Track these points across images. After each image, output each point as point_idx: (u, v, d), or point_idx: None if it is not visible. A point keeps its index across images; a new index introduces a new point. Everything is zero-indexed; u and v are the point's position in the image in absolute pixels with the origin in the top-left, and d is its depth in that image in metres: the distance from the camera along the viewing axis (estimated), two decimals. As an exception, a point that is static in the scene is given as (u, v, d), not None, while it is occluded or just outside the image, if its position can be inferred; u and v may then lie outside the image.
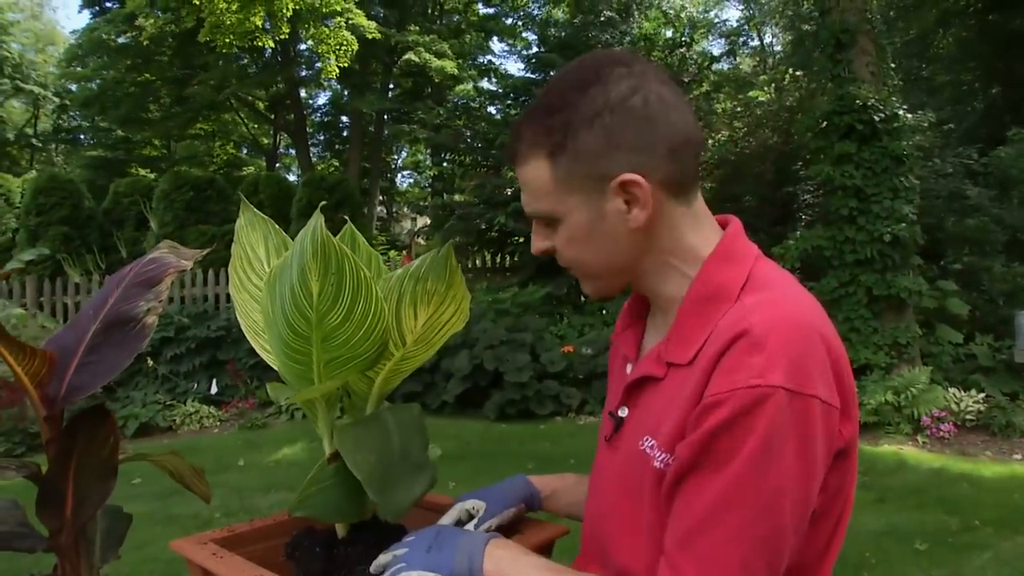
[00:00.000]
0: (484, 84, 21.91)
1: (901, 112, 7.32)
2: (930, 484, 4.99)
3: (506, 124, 11.76)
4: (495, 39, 24.14)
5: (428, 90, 22.26)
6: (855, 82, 7.25)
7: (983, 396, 6.43)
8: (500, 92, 14.67)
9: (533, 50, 15.63)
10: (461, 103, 17.49)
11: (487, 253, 11.43)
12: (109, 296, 1.29)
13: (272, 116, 23.90)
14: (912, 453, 5.75)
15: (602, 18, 13.30)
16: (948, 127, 11.30)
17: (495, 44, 24.49)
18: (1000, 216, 8.47)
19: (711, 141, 11.18)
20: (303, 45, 19.90)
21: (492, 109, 14.98)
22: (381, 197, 25.29)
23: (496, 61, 24.43)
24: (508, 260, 11.49)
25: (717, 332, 0.86)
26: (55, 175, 11.72)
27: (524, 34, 22.83)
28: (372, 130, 22.85)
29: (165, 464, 1.39)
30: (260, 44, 13.86)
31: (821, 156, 7.47)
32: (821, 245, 7.31)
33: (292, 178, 24.76)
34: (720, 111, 13.17)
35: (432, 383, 7.39)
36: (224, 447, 6.45)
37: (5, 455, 6.05)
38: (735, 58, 20.78)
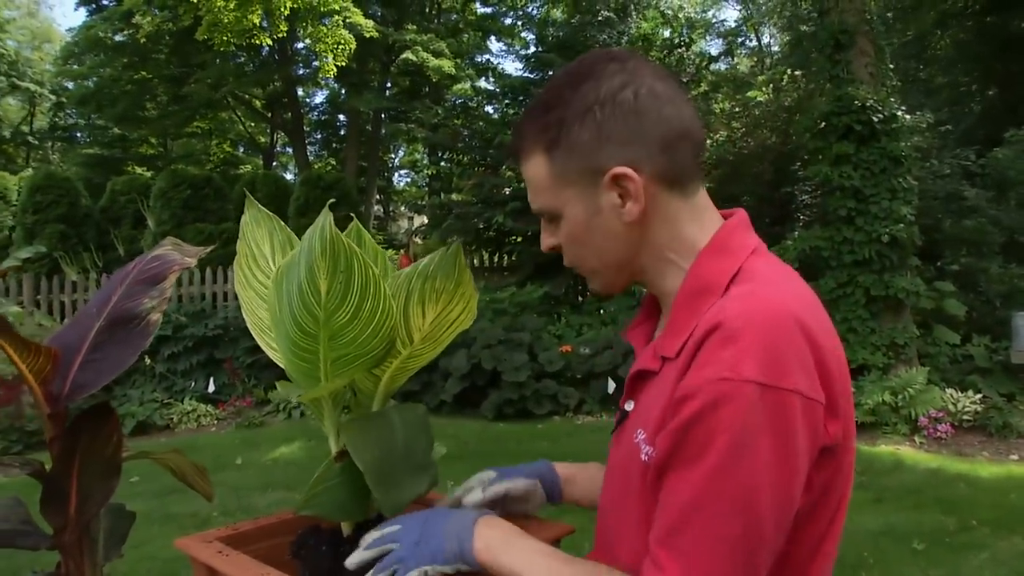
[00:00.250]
0: (482, 83, 21.92)
1: (899, 113, 7.33)
2: (927, 484, 5.00)
3: (504, 124, 11.75)
4: (493, 38, 24.16)
5: (425, 89, 22.25)
6: (854, 83, 7.26)
7: (980, 397, 6.44)
8: (498, 92, 14.65)
9: (531, 50, 15.64)
10: (459, 102, 17.49)
11: (485, 252, 11.42)
12: (112, 293, 1.29)
13: (269, 114, 23.87)
14: (909, 453, 5.76)
15: (600, 18, 13.29)
16: (946, 128, 11.31)
17: (493, 43, 24.55)
18: (997, 217, 8.48)
19: (709, 141, 11.19)
20: (300, 44, 19.89)
21: (490, 109, 14.96)
22: (378, 196, 25.28)
23: (494, 61, 24.48)
24: (506, 259, 11.48)
25: (700, 325, 0.86)
26: (52, 173, 11.70)
27: (522, 34, 22.85)
28: (369, 129, 22.85)
29: (168, 462, 1.39)
30: (258, 42, 13.85)
31: (819, 156, 7.48)
32: (819, 246, 7.31)
33: (289, 177, 24.72)
34: (718, 111, 13.17)
35: (430, 382, 7.38)
36: (222, 446, 6.44)
37: (2, 453, 6.03)
38: (733, 58, 20.81)
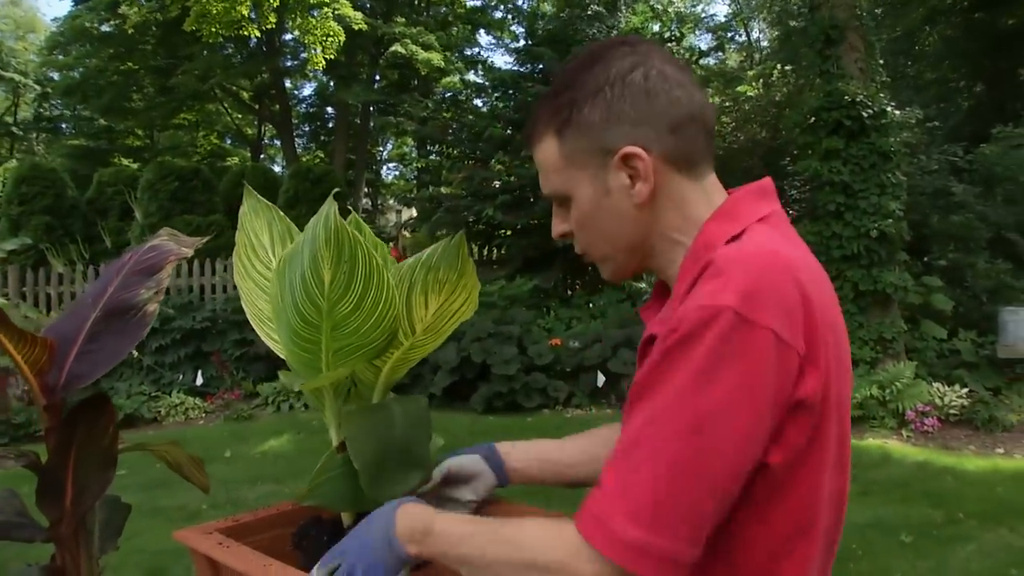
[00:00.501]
0: (471, 77, 21.84)
1: (889, 109, 7.36)
2: (915, 478, 5.03)
3: (494, 117, 11.72)
4: (482, 32, 24.07)
5: (414, 82, 22.15)
6: (843, 78, 7.28)
7: (966, 391, 6.50)
8: (487, 85, 14.61)
9: (521, 43, 15.59)
10: (448, 96, 17.43)
11: (474, 246, 11.39)
12: (109, 284, 1.27)
13: (257, 106, 23.70)
14: (897, 447, 5.80)
15: (589, 12, 13.26)
16: (933, 124, 11.38)
17: (482, 37, 24.44)
18: (984, 213, 8.54)
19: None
20: (289, 35, 19.76)
21: (479, 102, 14.91)
22: (367, 189, 25.17)
23: (483, 54, 24.39)
24: (496, 253, 11.47)
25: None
26: (37, 164, 11.59)
27: (512, 27, 22.78)
28: (358, 122, 22.74)
29: (164, 454, 1.38)
30: (246, 34, 13.75)
31: (809, 151, 7.51)
32: (808, 240, 7.29)
33: (277, 169, 24.58)
34: (708, 106, 13.16)
35: (419, 375, 7.38)
36: (210, 439, 6.41)
37: (-12, 446, 5.99)
38: (723, 53, 20.83)
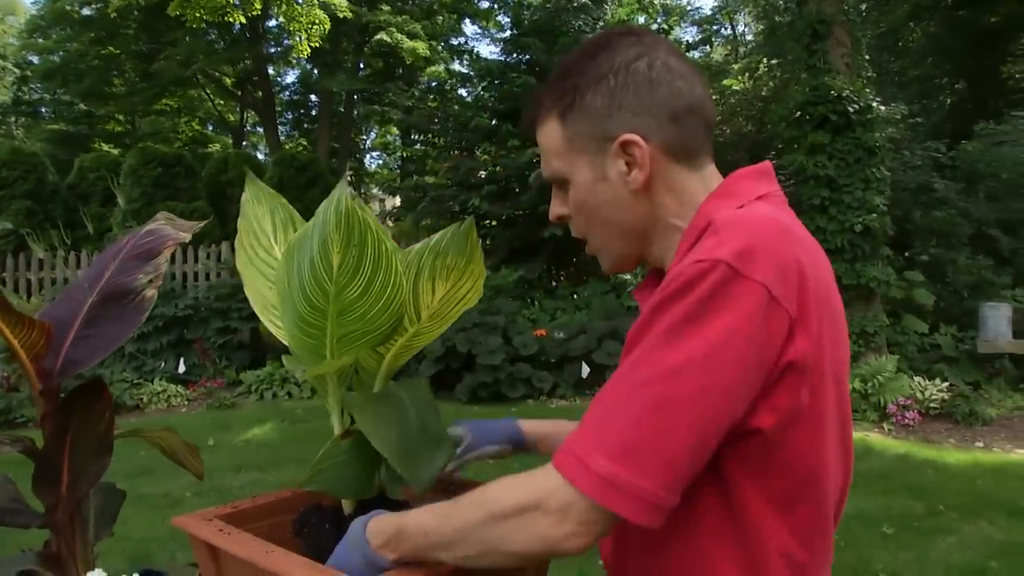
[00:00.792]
0: (456, 66, 21.75)
1: (875, 104, 7.40)
2: (896, 470, 5.09)
3: (479, 107, 11.68)
4: (468, 21, 23.96)
5: (399, 71, 22.05)
6: (830, 73, 7.32)
7: (947, 385, 6.57)
8: (472, 75, 14.56)
9: (506, 33, 15.52)
10: (434, 85, 17.36)
11: (459, 236, 11.36)
12: (105, 268, 1.26)
13: (239, 93, 23.51)
14: (878, 440, 5.86)
15: (575, 3, 13.23)
16: (916, 120, 11.46)
17: (468, 26, 24.32)
18: (966, 209, 8.63)
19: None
20: (272, 22, 19.58)
21: (463, 92, 14.87)
22: (350, 178, 25.05)
23: (468, 44, 24.27)
24: (481, 243, 11.43)
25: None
26: (18, 148, 11.43)
27: (498, 17, 22.67)
28: (342, 110, 22.61)
29: (159, 440, 1.37)
30: (231, 20, 13.62)
31: (795, 145, 7.54)
32: (793, 234, 7.38)
33: (260, 156, 24.38)
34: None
35: (404, 365, 7.34)
36: (193, 426, 6.38)
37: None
38: (708, 47, 20.87)
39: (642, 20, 16.46)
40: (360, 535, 0.92)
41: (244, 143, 27.28)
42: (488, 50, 36.48)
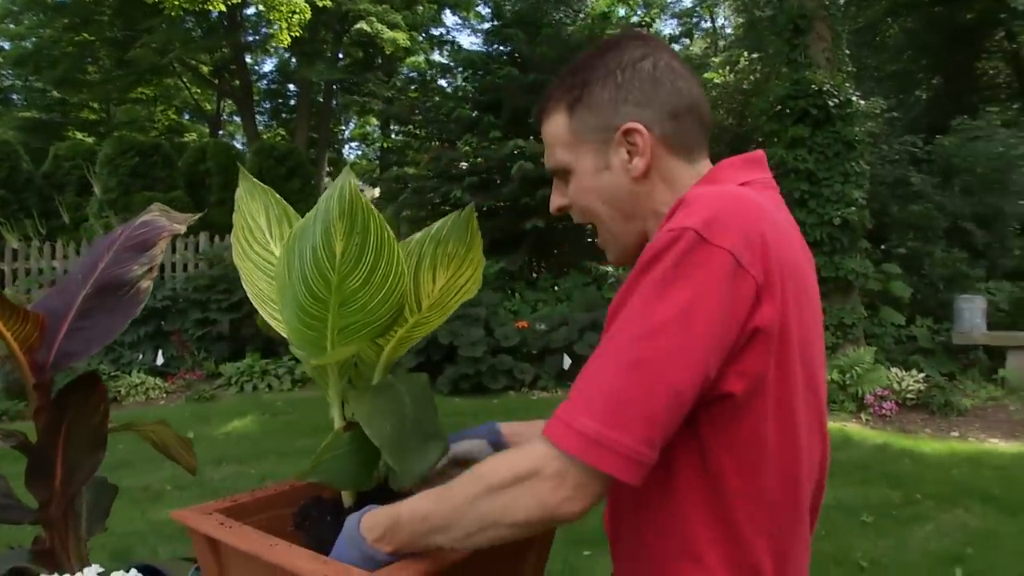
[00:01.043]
0: (436, 57, 21.66)
1: (854, 98, 7.46)
2: (874, 460, 5.15)
3: (460, 98, 11.64)
4: (448, 11, 23.84)
5: (379, 61, 21.91)
6: (811, 67, 7.36)
7: (923, 376, 6.66)
8: (452, 66, 14.50)
9: (487, 24, 15.47)
10: (414, 75, 17.27)
11: (440, 227, 11.33)
12: (99, 260, 1.25)
13: (216, 82, 23.24)
14: (856, 430, 5.93)
15: (556, -6, 13.20)
16: (893, 115, 11.57)
17: (448, 17, 24.22)
18: (942, 203, 8.73)
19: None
20: (251, 9, 19.37)
21: (443, 82, 14.79)
22: (329, 168, 24.88)
23: (450, 34, 24.19)
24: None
25: None
26: (-10, 136, 11.28)
27: (478, 7, 22.58)
28: (321, 100, 22.44)
29: (151, 434, 1.36)
30: (210, 8, 13.44)
31: (775, 139, 7.59)
32: (773, 226, 7.43)
33: (237, 145, 24.15)
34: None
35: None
36: (172, 419, 6.25)
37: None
38: (689, 39, 20.92)
39: (622, 13, 16.40)
40: (355, 531, 0.93)
41: (220, 132, 27.00)
42: (469, 41, 36.33)
